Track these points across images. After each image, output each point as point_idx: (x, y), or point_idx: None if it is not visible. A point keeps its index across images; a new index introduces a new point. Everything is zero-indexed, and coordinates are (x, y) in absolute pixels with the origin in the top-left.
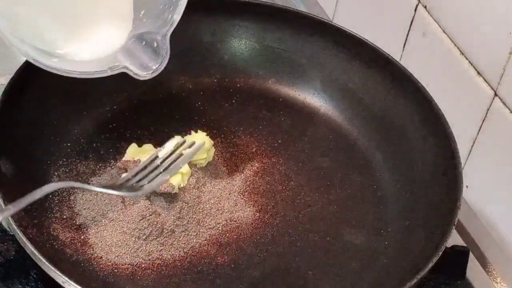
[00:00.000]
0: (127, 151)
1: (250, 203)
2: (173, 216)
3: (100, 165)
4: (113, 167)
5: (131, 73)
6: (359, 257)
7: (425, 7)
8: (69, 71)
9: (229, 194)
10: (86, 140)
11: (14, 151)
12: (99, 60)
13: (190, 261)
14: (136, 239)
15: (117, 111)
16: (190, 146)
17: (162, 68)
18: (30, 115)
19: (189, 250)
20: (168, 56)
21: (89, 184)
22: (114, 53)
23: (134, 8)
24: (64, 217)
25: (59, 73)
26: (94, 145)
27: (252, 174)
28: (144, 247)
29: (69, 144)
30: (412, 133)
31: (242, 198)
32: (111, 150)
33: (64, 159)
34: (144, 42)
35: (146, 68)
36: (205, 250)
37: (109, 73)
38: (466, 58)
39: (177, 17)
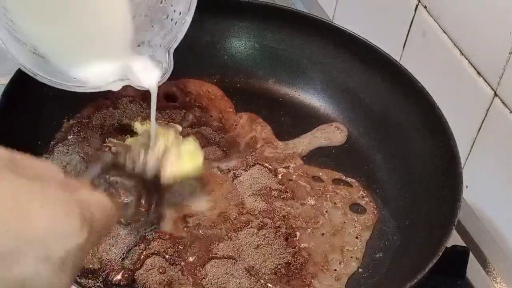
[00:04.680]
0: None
1: None
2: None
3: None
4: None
5: (134, 85)
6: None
7: (425, 7)
8: (73, 87)
9: None
10: (85, 140)
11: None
12: (102, 74)
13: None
14: (137, 240)
15: (115, 111)
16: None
17: (165, 80)
18: (30, 115)
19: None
20: (171, 69)
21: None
22: (117, 65)
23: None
24: None
25: (64, 88)
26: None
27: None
28: (145, 248)
29: (69, 144)
30: (412, 133)
31: None
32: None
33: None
34: (147, 54)
35: (148, 80)
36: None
37: (113, 86)
38: (466, 58)
39: (181, 35)
